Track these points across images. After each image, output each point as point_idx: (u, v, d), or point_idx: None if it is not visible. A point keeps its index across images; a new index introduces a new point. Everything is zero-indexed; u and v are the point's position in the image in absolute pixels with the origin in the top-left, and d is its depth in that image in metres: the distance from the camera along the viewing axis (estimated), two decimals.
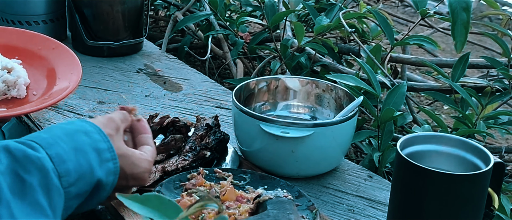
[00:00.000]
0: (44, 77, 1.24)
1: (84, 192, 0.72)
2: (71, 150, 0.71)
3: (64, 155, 0.70)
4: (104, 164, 0.75)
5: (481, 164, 0.91)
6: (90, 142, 0.74)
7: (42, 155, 0.68)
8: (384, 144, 1.35)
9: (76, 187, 0.71)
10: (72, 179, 0.70)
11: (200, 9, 2.19)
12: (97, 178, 0.73)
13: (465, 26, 1.35)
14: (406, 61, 1.84)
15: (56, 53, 1.25)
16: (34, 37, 1.29)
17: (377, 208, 1.10)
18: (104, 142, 0.76)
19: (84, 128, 0.76)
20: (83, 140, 0.74)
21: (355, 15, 1.79)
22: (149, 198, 0.59)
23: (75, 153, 0.72)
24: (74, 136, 0.73)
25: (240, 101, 1.20)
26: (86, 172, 0.72)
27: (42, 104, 1.12)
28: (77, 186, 0.71)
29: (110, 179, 0.76)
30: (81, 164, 0.72)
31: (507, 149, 1.61)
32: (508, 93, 1.54)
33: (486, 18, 3.50)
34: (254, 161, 1.17)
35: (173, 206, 0.59)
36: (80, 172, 0.71)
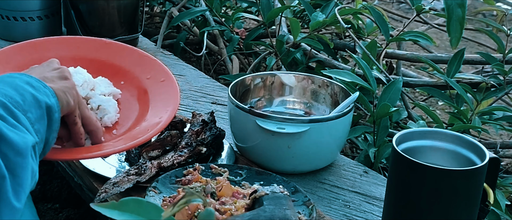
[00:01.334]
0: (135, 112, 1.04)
1: (41, 116, 0.80)
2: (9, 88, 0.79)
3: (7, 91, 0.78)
4: (39, 90, 0.82)
5: (476, 159, 0.92)
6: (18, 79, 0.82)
7: None
8: (380, 140, 1.35)
9: (32, 113, 0.79)
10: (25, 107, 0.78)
11: (195, 5, 2.19)
12: (43, 101, 0.81)
13: (460, 22, 1.36)
14: (402, 57, 1.84)
15: (161, 88, 1.05)
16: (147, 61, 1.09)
17: (373, 204, 1.10)
18: (27, 76, 0.84)
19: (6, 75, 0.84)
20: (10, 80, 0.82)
21: (351, 11, 1.79)
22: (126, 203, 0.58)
23: (13, 88, 0.79)
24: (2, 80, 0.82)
25: (236, 97, 1.20)
26: (31, 100, 0.80)
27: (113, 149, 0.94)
28: (32, 112, 0.79)
29: (53, 100, 0.84)
30: (24, 94, 0.79)
31: (502, 145, 1.61)
32: (503, 89, 1.54)
33: (480, 14, 3.50)
34: (250, 157, 1.17)
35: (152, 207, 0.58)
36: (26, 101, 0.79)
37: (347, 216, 1.07)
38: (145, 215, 0.57)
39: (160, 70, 1.08)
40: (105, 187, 1.00)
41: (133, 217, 0.57)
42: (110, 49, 1.11)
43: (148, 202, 0.59)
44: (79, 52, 1.07)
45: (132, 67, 1.09)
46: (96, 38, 1.15)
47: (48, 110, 0.82)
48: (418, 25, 2.52)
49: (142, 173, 1.04)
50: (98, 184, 1.05)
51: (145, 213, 0.58)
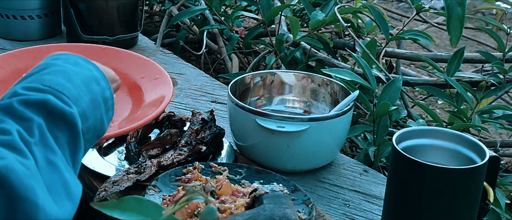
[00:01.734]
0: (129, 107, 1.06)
1: (93, 143, 0.74)
2: (90, 104, 0.71)
3: (87, 111, 0.70)
4: (108, 113, 0.76)
5: (476, 158, 0.92)
6: (100, 91, 0.74)
7: (75, 111, 0.68)
8: (380, 139, 1.35)
9: (90, 142, 0.72)
10: (89, 136, 0.71)
11: (195, 3, 2.19)
12: (104, 129, 0.75)
13: (460, 20, 1.36)
14: (401, 56, 1.84)
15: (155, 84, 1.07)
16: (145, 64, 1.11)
17: (373, 202, 1.10)
18: (108, 90, 0.76)
19: (95, 76, 0.75)
20: (96, 90, 0.73)
21: (351, 10, 1.79)
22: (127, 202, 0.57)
23: (93, 107, 0.72)
24: (90, 86, 0.73)
25: (236, 96, 1.20)
26: (98, 125, 0.73)
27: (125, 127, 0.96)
28: (90, 140, 0.72)
29: (107, 126, 0.77)
30: (96, 118, 0.72)
31: (502, 143, 1.61)
32: (503, 88, 1.54)
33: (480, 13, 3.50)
34: (250, 156, 1.17)
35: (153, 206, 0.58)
36: (95, 126, 0.72)
37: (346, 215, 1.07)
38: (146, 213, 0.57)
39: (154, 69, 1.10)
40: (104, 186, 1.00)
41: (133, 216, 0.57)
42: (106, 54, 1.12)
43: (148, 201, 0.59)
44: None
45: (126, 69, 1.10)
46: (92, 44, 1.17)
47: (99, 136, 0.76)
48: (417, 24, 2.52)
49: (142, 171, 1.04)
50: (98, 183, 1.05)
51: (146, 211, 0.57)
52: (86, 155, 1.10)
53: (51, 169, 0.62)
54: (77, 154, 0.68)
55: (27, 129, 0.63)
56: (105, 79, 0.76)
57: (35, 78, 0.70)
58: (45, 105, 0.65)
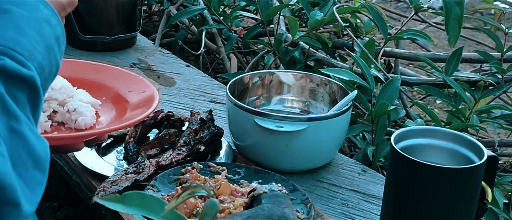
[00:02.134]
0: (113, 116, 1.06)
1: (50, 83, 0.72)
2: (45, 51, 0.69)
3: (43, 62, 0.68)
4: (61, 47, 0.73)
5: (474, 157, 0.92)
6: (52, 32, 0.71)
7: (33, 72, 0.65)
8: (378, 138, 1.35)
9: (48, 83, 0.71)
10: (48, 83, 0.70)
11: (193, 3, 2.19)
12: (59, 66, 0.73)
13: (458, 20, 1.36)
14: (400, 56, 1.84)
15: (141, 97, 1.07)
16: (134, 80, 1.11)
17: (371, 202, 1.11)
18: (59, 25, 0.73)
19: (45, 16, 0.71)
20: (48, 33, 0.70)
21: (349, 9, 1.79)
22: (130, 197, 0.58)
23: (48, 54, 0.69)
24: (42, 31, 0.69)
25: (234, 96, 1.20)
26: (53, 68, 0.71)
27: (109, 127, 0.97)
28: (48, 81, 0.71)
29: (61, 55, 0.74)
30: (51, 62, 0.70)
31: (500, 143, 1.61)
32: (501, 88, 1.54)
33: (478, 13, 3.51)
34: (249, 155, 1.17)
35: (156, 201, 0.59)
36: (51, 70, 0.70)
37: (345, 214, 1.07)
38: (149, 208, 0.58)
39: (143, 84, 1.09)
40: (103, 186, 1.00)
41: (136, 210, 0.57)
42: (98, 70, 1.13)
43: (151, 196, 0.59)
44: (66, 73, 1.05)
45: (114, 84, 1.11)
46: (84, 61, 1.17)
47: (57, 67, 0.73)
48: (416, 23, 2.52)
49: (141, 171, 1.04)
50: (97, 183, 1.05)
51: (149, 206, 0.58)
52: (85, 155, 1.11)
53: (15, 139, 0.60)
54: (38, 108, 0.66)
55: None
56: (54, 15, 0.73)
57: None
58: (2, 70, 0.62)
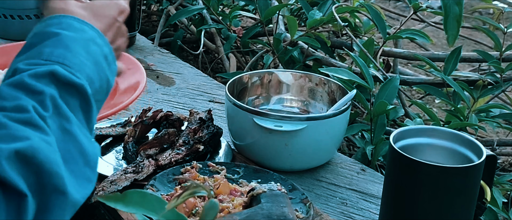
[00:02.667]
0: None
1: (104, 98, 0.76)
2: (93, 67, 0.73)
3: (92, 75, 0.72)
4: (111, 66, 0.77)
5: (473, 156, 0.92)
6: (99, 50, 0.75)
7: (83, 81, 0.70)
8: (377, 137, 1.35)
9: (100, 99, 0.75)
10: (99, 96, 0.74)
11: (192, 3, 2.19)
12: (111, 83, 0.77)
13: (457, 20, 1.36)
14: (399, 55, 1.84)
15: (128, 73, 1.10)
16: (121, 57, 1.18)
17: (370, 201, 1.11)
18: (106, 46, 0.77)
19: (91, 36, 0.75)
20: (95, 51, 0.74)
21: (348, 9, 1.79)
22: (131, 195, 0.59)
23: (96, 69, 0.73)
24: (89, 49, 0.73)
25: (234, 96, 1.20)
26: (104, 82, 0.75)
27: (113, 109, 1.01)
28: (100, 96, 0.75)
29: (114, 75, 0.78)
30: (101, 78, 0.74)
31: (498, 142, 1.62)
32: (500, 87, 1.55)
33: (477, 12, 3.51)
34: (248, 155, 1.17)
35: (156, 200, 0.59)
36: (101, 85, 0.74)
37: (344, 213, 1.07)
38: (149, 207, 0.58)
39: (129, 60, 1.13)
40: (102, 185, 1.00)
41: (137, 209, 0.58)
42: None
43: (151, 195, 0.59)
44: None
45: None
46: None
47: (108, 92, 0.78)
48: (414, 23, 2.52)
49: (140, 171, 1.04)
50: (96, 182, 1.05)
51: (149, 205, 0.58)
52: None
53: (67, 137, 0.66)
54: (90, 115, 0.71)
55: (41, 102, 0.65)
56: (101, 36, 0.76)
57: (34, 52, 0.71)
58: (54, 75, 0.67)
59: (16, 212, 0.59)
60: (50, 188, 0.62)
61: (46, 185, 0.62)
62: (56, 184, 0.62)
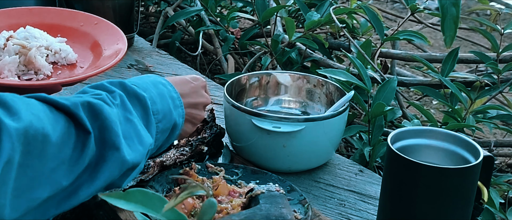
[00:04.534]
0: (89, 50, 1.21)
1: (166, 129, 0.90)
2: (157, 95, 0.89)
3: (155, 98, 0.89)
4: (177, 109, 0.92)
5: (470, 157, 0.92)
6: (166, 91, 0.92)
7: (145, 94, 0.87)
8: (375, 139, 1.36)
9: (162, 124, 0.89)
10: (160, 117, 0.88)
11: (190, 4, 2.20)
12: (174, 119, 0.91)
13: (454, 21, 1.36)
14: (396, 57, 1.85)
15: (99, 28, 1.23)
16: (74, 15, 1.27)
17: (368, 202, 1.11)
18: (175, 93, 0.94)
19: (160, 80, 0.93)
20: (162, 89, 0.91)
21: (346, 10, 1.80)
22: (133, 194, 0.60)
23: (160, 98, 0.90)
24: (156, 85, 0.91)
25: (232, 97, 1.20)
26: (167, 113, 0.90)
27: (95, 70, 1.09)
28: (162, 122, 0.89)
29: (181, 121, 0.93)
30: (164, 106, 0.90)
31: (496, 143, 1.62)
32: (497, 88, 1.55)
33: (474, 14, 3.52)
34: (246, 156, 1.18)
35: (158, 198, 0.60)
36: (164, 112, 0.89)
37: (342, 214, 1.07)
38: (150, 205, 0.59)
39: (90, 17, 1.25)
40: None
41: (138, 207, 0.58)
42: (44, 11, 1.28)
43: (153, 194, 0.60)
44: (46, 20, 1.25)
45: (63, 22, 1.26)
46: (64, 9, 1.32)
47: (174, 127, 0.92)
48: (412, 24, 2.53)
49: (145, 171, 1.04)
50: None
51: (150, 203, 0.59)
52: None
53: (128, 123, 0.82)
54: (149, 127, 0.86)
55: (113, 96, 0.83)
56: (171, 85, 0.94)
57: None
58: (123, 85, 0.86)
59: (82, 144, 0.74)
60: (108, 143, 0.77)
61: (106, 140, 0.77)
62: (114, 140, 0.77)
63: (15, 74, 1.08)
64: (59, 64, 1.16)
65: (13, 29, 1.17)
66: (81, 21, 1.24)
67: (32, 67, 1.09)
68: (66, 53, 1.16)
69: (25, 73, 1.09)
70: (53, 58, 1.16)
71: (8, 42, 1.10)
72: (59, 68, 1.15)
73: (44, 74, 1.11)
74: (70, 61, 1.16)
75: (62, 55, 1.16)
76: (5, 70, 1.07)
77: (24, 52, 1.09)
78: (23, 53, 1.09)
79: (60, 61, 1.16)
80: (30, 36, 1.13)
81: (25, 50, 1.09)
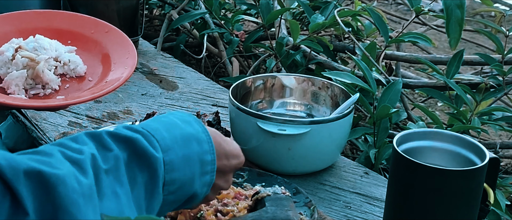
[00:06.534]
0: (98, 61, 1.16)
1: (179, 201, 0.73)
2: (182, 158, 0.71)
3: (176, 163, 0.70)
4: (204, 177, 0.74)
5: (476, 159, 0.92)
6: (199, 151, 0.73)
7: (159, 156, 0.68)
8: (380, 141, 1.36)
9: (174, 196, 0.71)
10: (173, 188, 0.71)
11: (195, 7, 2.20)
12: (194, 190, 0.73)
13: (459, 23, 1.36)
14: (401, 59, 1.85)
15: (109, 37, 1.18)
16: (86, 20, 1.22)
17: (374, 204, 1.11)
18: (210, 154, 0.75)
19: (198, 135, 0.74)
20: (193, 149, 0.73)
21: (350, 12, 1.79)
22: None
23: (184, 162, 0.71)
24: (188, 143, 0.73)
25: (237, 100, 1.20)
26: (187, 183, 0.72)
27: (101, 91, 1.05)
28: (175, 194, 0.71)
29: (204, 190, 0.75)
30: (186, 174, 0.71)
31: (501, 145, 1.62)
32: (502, 90, 1.55)
33: (478, 15, 3.51)
34: (251, 159, 1.18)
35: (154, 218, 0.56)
36: (182, 182, 0.71)
37: (348, 217, 1.07)
38: None
39: (101, 24, 1.20)
40: None
41: None
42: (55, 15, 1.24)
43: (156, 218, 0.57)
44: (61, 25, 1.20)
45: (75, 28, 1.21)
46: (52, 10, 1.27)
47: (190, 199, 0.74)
48: (416, 26, 2.53)
49: None
50: None
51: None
52: None
53: (114, 199, 0.64)
54: (153, 200, 0.68)
55: (105, 157, 0.65)
56: (210, 144, 0.75)
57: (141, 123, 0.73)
58: (132, 143, 0.67)
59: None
60: None
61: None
62: None
63: (22, 88, 1.05)
64: (68, 76, 1.13)
65: (22, 34, 1.15)
66: (92, 28, 1.21)
67: (40, 81, 1.07)
68: (75, 65, 1.13)
69: (33, 87, 1.06)
70: (61, 70, 1.13)
71: (17, 55, 1.08)
72: (67, 81, 1.12)
73: (52, 88, 1.08)
74: (78, 74, 1.13)
75: (71, 67, 1.13)
76: (12, 85, 1.04)
77: (33, 65, 1.06)
78: (31, 66, 1.06)
79: (68, 74, 1.13)
80: (39, 47, 1.11)
81: (34, 64, 1.07)
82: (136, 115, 1.40)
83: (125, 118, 1.39)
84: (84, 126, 1.32)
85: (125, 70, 1.10)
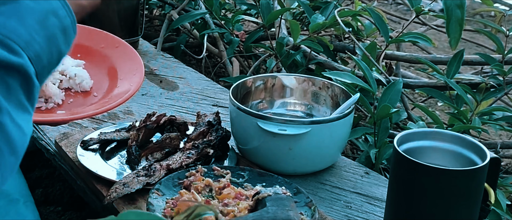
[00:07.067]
0: (106, 76, 1.15)
1: (54, 67, 0.74)
2: (45, 41, 0.71)
3: (40, 51, 0.70)
4: (69, 40, 0.75)
5: (477, 159, 0.92)
6: (58, 23, 0.73)
7: (24, 60, 0.68)
8: (380, 141, 1.36)
9: (48, 74, 0.73)
10: (46, 71, 0.72)
11: (195, 8, 2.20)
12: (63, 55, 0.75)
13: (459, 23, 1.36)
14: (401, 59, 1.85)
15: (119, 52, 1.17)
16: (97, 34, 1.20)
17: (374, 204, 1.11)
18: (69, 16, 0.75)
19: (52, 8, 0.73)
20: (53, 24, 0.72)
21: (350, 13, 1.80)
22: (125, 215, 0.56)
23: (48, 43, 0.71)
24: (46, 22, 0.72)
25: (237, 100, 1.20)
26: (54, 57, 0.73)
27: (102, 108, 1.04)
28: (50, 71, 0.73)
29: (71, 42, 0.76)
30: (52, 52, 0.72)
31: (502, 145, 1.62)
32: (502, 90, 1.55)
33: (478, 15, 3.51)
34: (252, 159, 1.18)
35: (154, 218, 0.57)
36: (50, 61, 0.72)
37: (348, 217, 1.07)
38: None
39: (112, 39, 1.18)
40: (115, 187, 1.01)
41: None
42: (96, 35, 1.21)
43: (148, 213, 0.58)
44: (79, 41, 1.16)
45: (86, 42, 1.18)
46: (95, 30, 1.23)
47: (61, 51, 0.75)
48: (416, 26, 2.53)
49: (152, 174, 1.04)
50: (101, 186, 1.06)
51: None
52: (90, 160, 1.12)
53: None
54: (32, 94, 0.69)
55: None
56: (65, 6, 0.74)
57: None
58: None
59: None
60: None
61: None
62: None
63: None
64: (73, 91, 1.11)
65: None
66: (102, 42, 1.18)
67: (43, 95, 1.05)
68: (81, 80, 1.11)
69: None
70: (67, 84, 1.11)
71: None
72: (71, 96, 1.10)
73: (55, 103, 1.06)
74: (84, 89, 1.12)
75: (77, 82, 1.11)
76: None
77: None
78: None
79: (74, 88, 1.11)
80: None
81: None
82: (137, 115, 1.40)
83: (126, 118, 1.39)
84: (84, 126, 1.32)
85: (131, 87, 1.08)
